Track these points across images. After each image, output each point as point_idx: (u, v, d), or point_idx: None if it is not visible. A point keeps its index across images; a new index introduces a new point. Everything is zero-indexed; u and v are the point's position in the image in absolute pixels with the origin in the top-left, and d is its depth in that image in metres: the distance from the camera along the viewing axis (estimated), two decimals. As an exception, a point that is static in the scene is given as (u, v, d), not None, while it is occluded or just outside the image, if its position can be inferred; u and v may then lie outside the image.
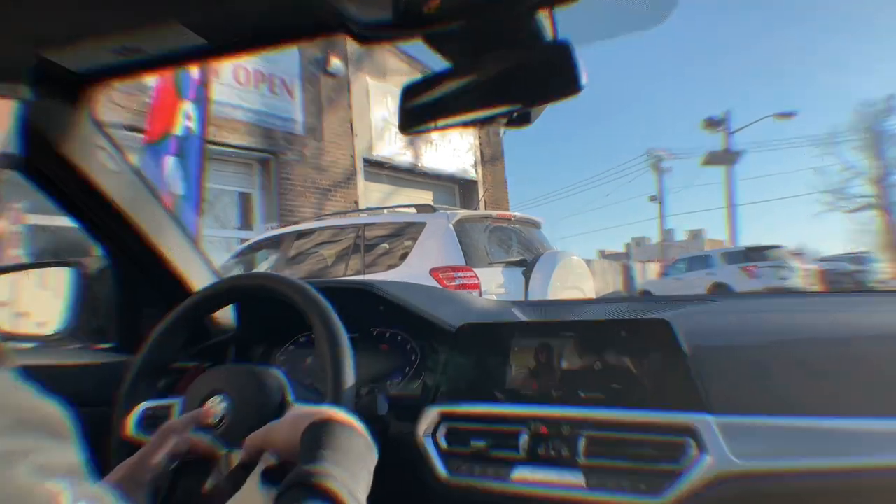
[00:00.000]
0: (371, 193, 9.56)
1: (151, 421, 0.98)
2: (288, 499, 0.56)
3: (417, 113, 0.87)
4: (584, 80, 0.75)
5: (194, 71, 4.25)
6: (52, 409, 0.34)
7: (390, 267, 4.78)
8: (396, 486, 1.11)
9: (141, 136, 4.41)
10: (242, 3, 0.74)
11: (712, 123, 23.34)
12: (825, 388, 0.88)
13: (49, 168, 1.02)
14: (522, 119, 0.87)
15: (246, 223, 8.40)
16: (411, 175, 10.27)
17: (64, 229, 5.66)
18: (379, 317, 1.23)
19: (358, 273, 4.91)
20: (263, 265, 5.54)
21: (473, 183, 11.34)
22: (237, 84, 7.68)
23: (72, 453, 0.34)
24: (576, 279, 5.18)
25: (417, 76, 0.86)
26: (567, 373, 1.02)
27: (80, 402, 1.13)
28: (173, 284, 1.20)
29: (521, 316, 1.28)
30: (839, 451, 0.81)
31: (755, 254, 14.19)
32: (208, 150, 4.38)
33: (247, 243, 5.99)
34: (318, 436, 0.64)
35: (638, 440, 0.90)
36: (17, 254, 5.22)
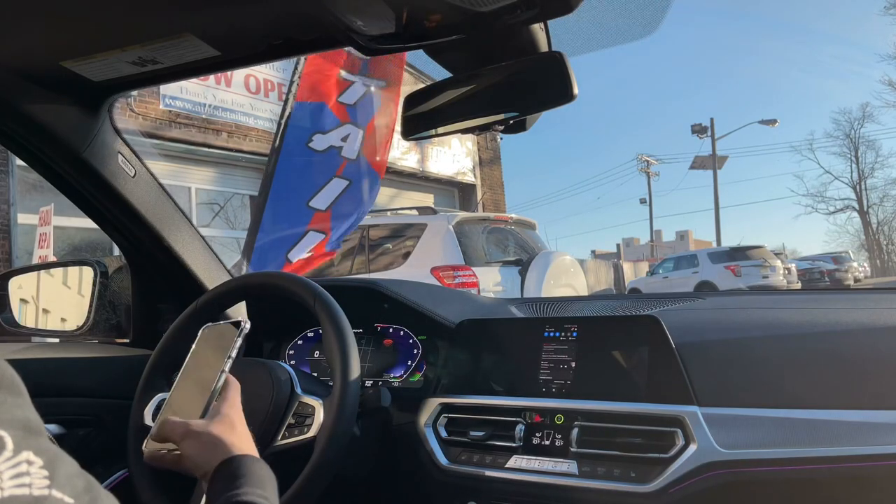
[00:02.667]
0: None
1: None
2: None
3: (419, 120, 0.87)
4: (576, 89, 0.75)
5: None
6: (6, 368, 0.32)
7: (393, 266, 4.78)
8: (398, 472, 1.11)
9: (155, 141, 4.27)
10: (254, 17, 0.74)
11: (698, 130, 23.35)
12: (805, 380, 0.88)
13: (71, 172, 1.02)
14: (519, 125, 0.87)
15: (256, 225, 8.39)
16: (414, 178, 10.26)
17: (85, 230, 5.66)
18: (383, 313, 1.23)
19: (363, 271, 4.91)
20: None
21: (472, 186, 11.32)
22: (248, 92, 7.67)
23: (26, 409, 0.32)
24: (569, 277, 5.18)
25: (419, 85, 0.86)
26: (561, 366, 1.02)
27: (100, 394, 1.13)
28: (187, 282, 1.20)
29: (517, 313, 1.28)
30: (819, 442, 0.81)
31: (738, 253, 14.17)
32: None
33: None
34: (232, 467, 0.66)
35: (628, 431, 0.91)
36: (45, 253, 5.21)
